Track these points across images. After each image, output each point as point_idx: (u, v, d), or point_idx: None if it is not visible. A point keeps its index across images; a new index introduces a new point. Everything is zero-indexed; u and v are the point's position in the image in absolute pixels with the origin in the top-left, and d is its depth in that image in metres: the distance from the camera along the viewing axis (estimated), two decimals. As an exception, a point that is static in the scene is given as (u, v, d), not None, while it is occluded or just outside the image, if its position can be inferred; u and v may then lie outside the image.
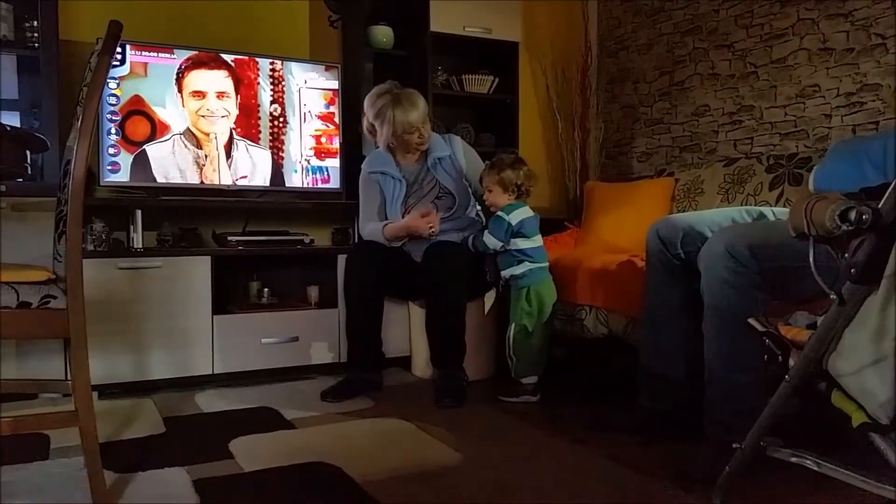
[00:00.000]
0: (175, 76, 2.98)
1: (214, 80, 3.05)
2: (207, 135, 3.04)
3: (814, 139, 2.91)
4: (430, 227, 2.66)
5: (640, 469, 1.80)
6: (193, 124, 3.01)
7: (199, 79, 3.02)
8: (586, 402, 2.50)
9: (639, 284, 2.24)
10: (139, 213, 2.81)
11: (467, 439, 2.06)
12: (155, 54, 2.94)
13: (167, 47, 2.97)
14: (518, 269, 2.58)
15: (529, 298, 2.56)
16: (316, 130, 3.25)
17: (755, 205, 2.76)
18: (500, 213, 2.59)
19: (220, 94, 3.06)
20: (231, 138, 3.08)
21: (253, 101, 3.12)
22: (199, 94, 3.02)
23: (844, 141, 2.65)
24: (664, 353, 2.11)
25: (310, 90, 3.23)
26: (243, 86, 3.10)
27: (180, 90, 2.99)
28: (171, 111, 2.97)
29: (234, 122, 3.08)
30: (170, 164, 2.97)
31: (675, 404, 2.07)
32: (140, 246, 2.81)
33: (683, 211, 3.08)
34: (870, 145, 2.39)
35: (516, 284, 2.60)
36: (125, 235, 2.89)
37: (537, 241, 2.63)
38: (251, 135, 3.12)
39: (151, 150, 2.94)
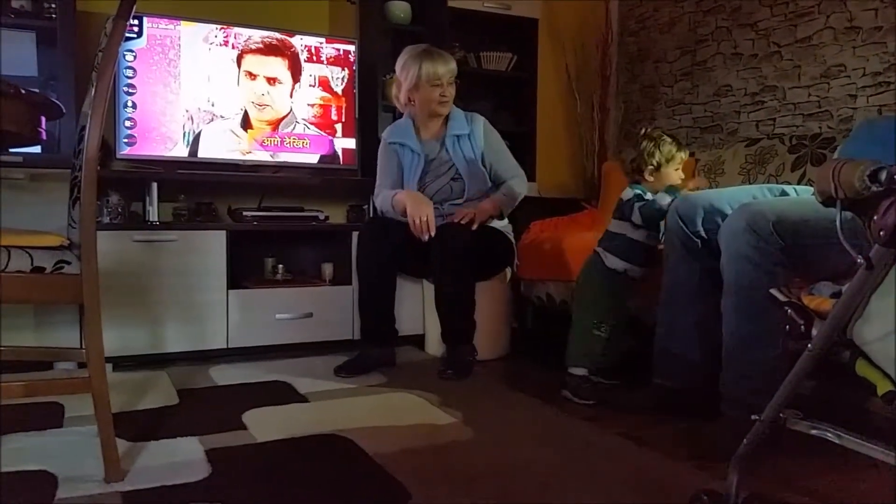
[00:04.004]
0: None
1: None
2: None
3: (838, 120, 2.85)
4: (423, 232, 2.57)
5: (654, 447, 1.78)
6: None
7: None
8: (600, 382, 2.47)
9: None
10: (155, 186, 2.81)
11: (479, 415, 2.05)
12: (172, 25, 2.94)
13: (185, 20, 2.95)
14: None
15: None
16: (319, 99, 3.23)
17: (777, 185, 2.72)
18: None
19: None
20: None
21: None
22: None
23: (870, 121, 2.59)
24: (681, 332, 2.07)
25: (324, 65, 3.21)
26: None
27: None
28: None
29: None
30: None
31: (691, 383, 2.05)
32: (156, 219, 2.81)
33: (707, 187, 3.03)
34: (896, 125, 2.34)
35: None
36: (141, 208, 2.89)
37: None
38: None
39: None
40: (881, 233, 0.87)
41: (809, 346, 1.04)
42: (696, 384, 2.03)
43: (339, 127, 3.26)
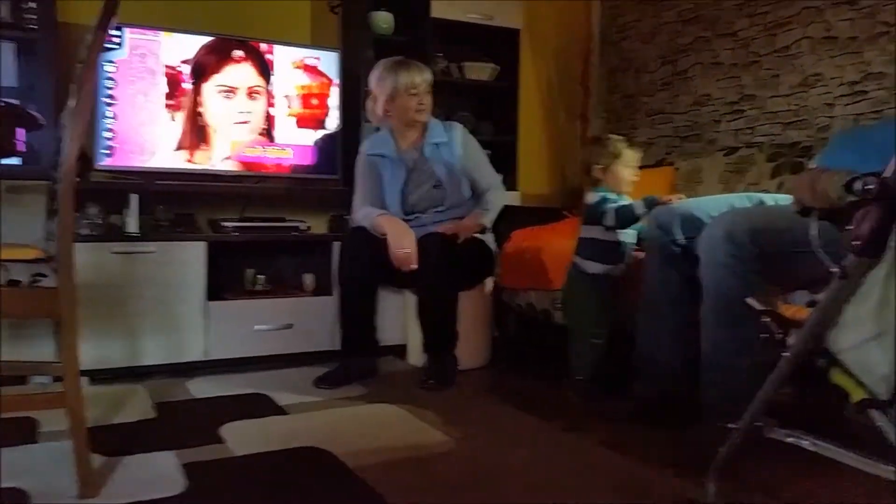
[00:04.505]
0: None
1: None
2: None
3: (816, 128, 2.88)
4: (405, 265, 2.55)
5: (634, 455, 1.78)
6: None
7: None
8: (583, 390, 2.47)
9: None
10: (134, 197, 2.79)
11: (461, 425, 2.03)
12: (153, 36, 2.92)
13: (165, 30, 2.94)
14: None
15: None
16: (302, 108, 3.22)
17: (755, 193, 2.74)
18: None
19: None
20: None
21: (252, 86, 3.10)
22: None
23: (847, 130, 2.62)
24: (661, 340, 2.09)
25: (306, 75, 3.21)
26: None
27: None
28: (167, 95, 2.95)
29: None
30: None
31: (671, 390, 2.05)
32: (135, 231, 2.78)
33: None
34: (872, 134, 2.37)
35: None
36: (120, 220, 2.86)
37: None
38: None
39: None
40: (856, 242, 0.87)
41: (785, 354, 1.04)
42: (675, 391, 2.04)
43: (321, 136, 3.24)
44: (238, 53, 3.07)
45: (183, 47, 2.97)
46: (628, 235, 2.38)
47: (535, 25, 3.92)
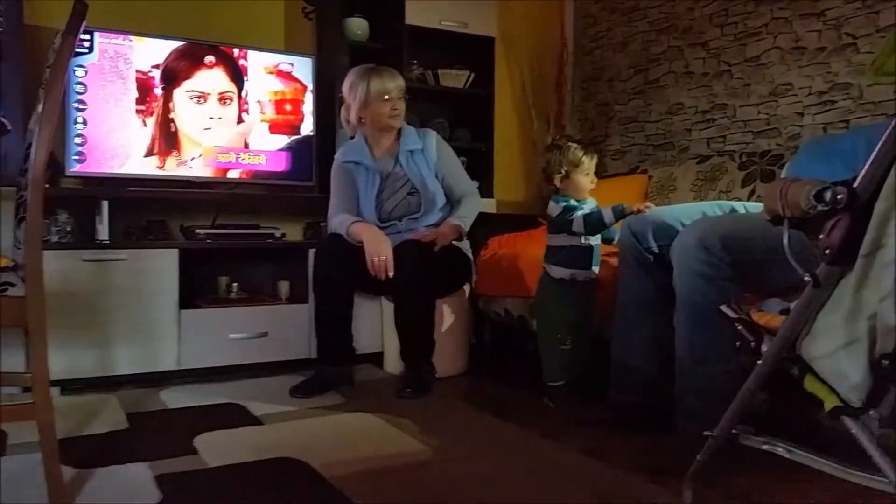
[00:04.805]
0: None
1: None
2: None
3: (786, 137, 2.93)
4: (381, 273, 2.52)
5: (611, 462, 1.78)
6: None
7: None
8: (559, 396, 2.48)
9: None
10: (105, 203, 2.75)
11: (437, 434, 2.03)
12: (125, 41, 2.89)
13: (136, 35, 2.91)
14: None
15: None
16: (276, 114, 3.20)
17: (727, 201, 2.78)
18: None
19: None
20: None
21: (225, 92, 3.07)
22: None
23: (815, 139, 2.67)
24: (636, 347, 2.10)
25: (280, 81, 3.19)
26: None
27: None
28: (139, 101, 2.92)
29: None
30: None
31: (646, 397, 2.07)
32: (106, 238, 2.74)
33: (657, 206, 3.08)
34: (840, 144, 2.41)
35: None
36: (91, 227, 2.82)
37: None
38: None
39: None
40: (827, 251, 0.88)
41: (759, 362, 1.05)
42: (651, 398, 2.06)
43: (295, 142, 3.23)
44: (209, 59, 3.04)
45: (155, 52, 2.94)
46: (594, 241, 2.39)
47: (510, 33, 3.95)
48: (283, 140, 3.21)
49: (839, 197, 0.86)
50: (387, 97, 2.69)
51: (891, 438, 0.91)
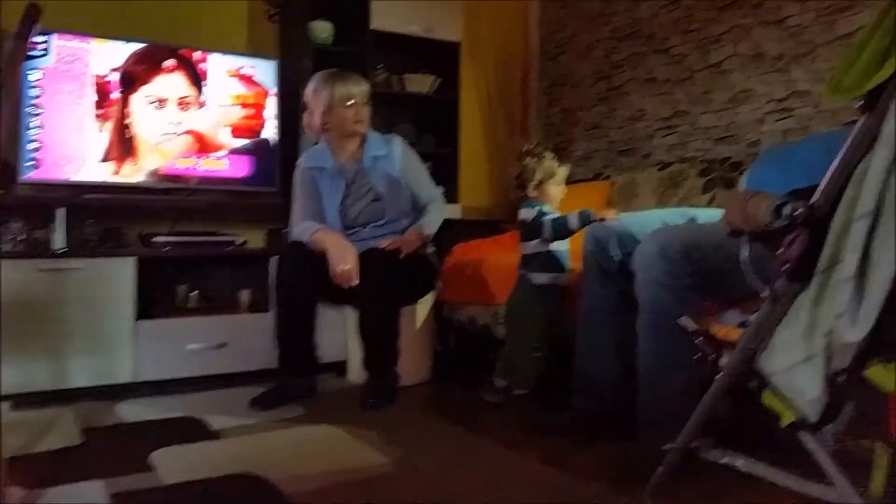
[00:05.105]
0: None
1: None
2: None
3: (745, 144, 2.96)
4: (346, 281, 2.48)
5: (574, 472, 1.78)
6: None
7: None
8: (522, 404, 2.47)
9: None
10: (60, 211, 2.67)
11: (400, 444, 2.00)
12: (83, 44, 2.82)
13: (95, 37, 2.84)
14: None
15: None
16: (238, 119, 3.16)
17: (689, 208, 2.80)
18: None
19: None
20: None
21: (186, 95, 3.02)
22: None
23: (774, 147, 2.70)
24: (599, 354, 2.10)
25: (243, 85, 3.14)
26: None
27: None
28: (95, 106, 2.84)
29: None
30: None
31: (609, 405, 2.07)
32: (61, 247, 2.66)
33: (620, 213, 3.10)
34: (799, 151, 2.44)
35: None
36: (46, 235, 2.74)
37: None
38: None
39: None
40: (786, 266, 0.88)
41: (718, 376, 1.05)
42: (614, 405, 2.06)
43: (257, 147, 3.18)
44: (169, 63, 2.98)
45: (114, 55, 2.88)
46: (562, 246, 2.41)
47: (475, 39, 3.95)
48: (246, 145, 3.15)
49: (798, 212, 0.85)
50: (351, 103, 2.66)
51: (863, 447, 0.91)
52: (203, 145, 3.07)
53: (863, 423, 0.81)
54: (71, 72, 2.80)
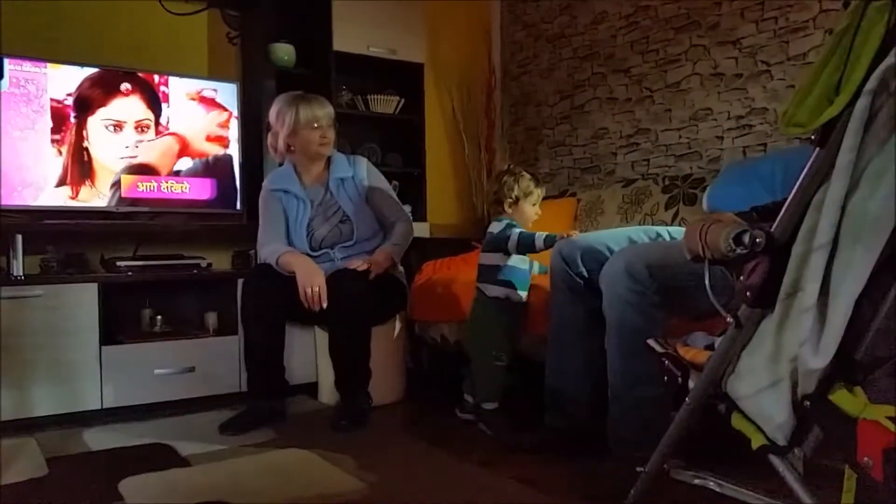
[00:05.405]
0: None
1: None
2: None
3: (707, 160, 3.03)
4: (315, 304, 2.47)
5: (548, 491, 1.79)
6: (80, 143, 2.85)
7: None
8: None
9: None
10: (19, 237, 2.62)
11: (373, 467, 2.00)
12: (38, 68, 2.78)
13: (51, 62, 2.80)
14: None
15: None
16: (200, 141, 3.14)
17: (652, 224, 2.85)
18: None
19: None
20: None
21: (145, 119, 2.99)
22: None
23: (736, 162, 2.77)
24: (570, 371, 2.12)
25: (204, 107, 3.13)
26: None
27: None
28: (56, 129, 2.80)
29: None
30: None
31: (580, 422, 2.09)
32: (20, 273, 2.61)
33: (585, 230, 3.14)
34: (759, 167, 2.51)
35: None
36: (4, 262, 2.68)
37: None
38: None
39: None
40: (748, 294, 0.91)
41: (687, 399, 1.07)
42: (585, 422, 2.08)
43: (221, 169, 3.16)
44: (126, 86, 2.96)
45: (70, 80, 2.84)
46: (523, 262, 2.44)
47: (439, 60, 3.98)
48: (208, 167, 3.13)
49: (758, 241, 0.88)
50: (316, 125, 2.66)
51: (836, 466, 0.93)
52: (163, 168, 3.04)
53: (830, 445, 0.84)
54: (26, 96, 2.76)
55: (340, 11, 3.39)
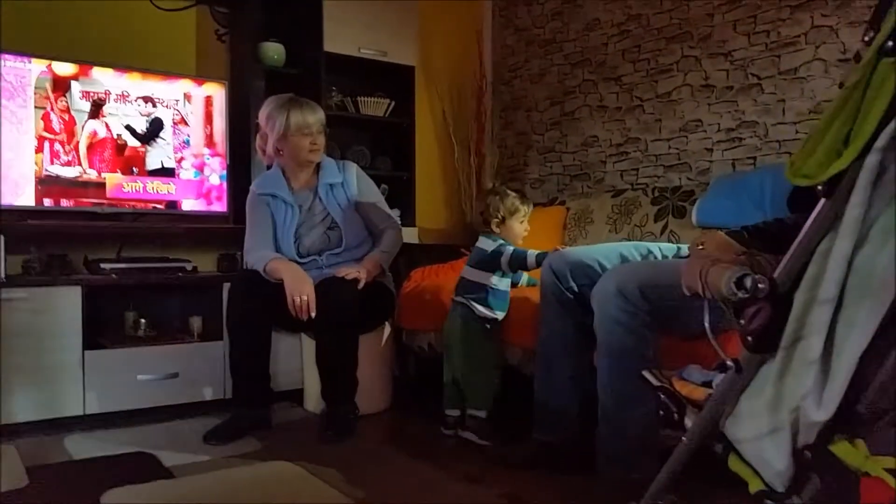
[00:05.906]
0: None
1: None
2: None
3: (696, 172, 3.03)
4: (303, 313, 2.44)
5: (535, 508, 1.79)
6: (65, 143, 2.80)
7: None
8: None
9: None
10: (1, 238, 2.57)
11: (359, 480, 1.98)
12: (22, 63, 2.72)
13: (36, 58, 2.75)
14: None
15: None
16: (186, 143, 3.10)
17: (641, 236, 2.85)
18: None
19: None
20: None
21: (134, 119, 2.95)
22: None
23: (726, 176, 2.78)
24: (557, 386, 2.12)
25: (192, 107, 3.09)
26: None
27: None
28: (40, 129, 2.75)
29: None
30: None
31: (569, 437, 2.08)
32: (2, 275, 2.56)
33: (574, 239, 3.14)
34: (748, 182, 2.52)
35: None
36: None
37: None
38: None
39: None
40: (749, 339, 0.90)
41: (684, 438, 1.07)
42: (573, 438, 2.07)
43: (208, 171, 3.12)
44: (113, 84, 2.91)
45: (54, 75, 2.78)
46: (506, 283, 2.46)
47: (430, 63, 3.96)
48: (194, 168, 3.09)
49: (760, 286, 0.88)
50: (307, 131, 2.62)
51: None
52: (151, 169, 3.00)
53: (830, 495, 0.84)
54: (9, 91, 2.70)
55: (331, 12, 3.36)
